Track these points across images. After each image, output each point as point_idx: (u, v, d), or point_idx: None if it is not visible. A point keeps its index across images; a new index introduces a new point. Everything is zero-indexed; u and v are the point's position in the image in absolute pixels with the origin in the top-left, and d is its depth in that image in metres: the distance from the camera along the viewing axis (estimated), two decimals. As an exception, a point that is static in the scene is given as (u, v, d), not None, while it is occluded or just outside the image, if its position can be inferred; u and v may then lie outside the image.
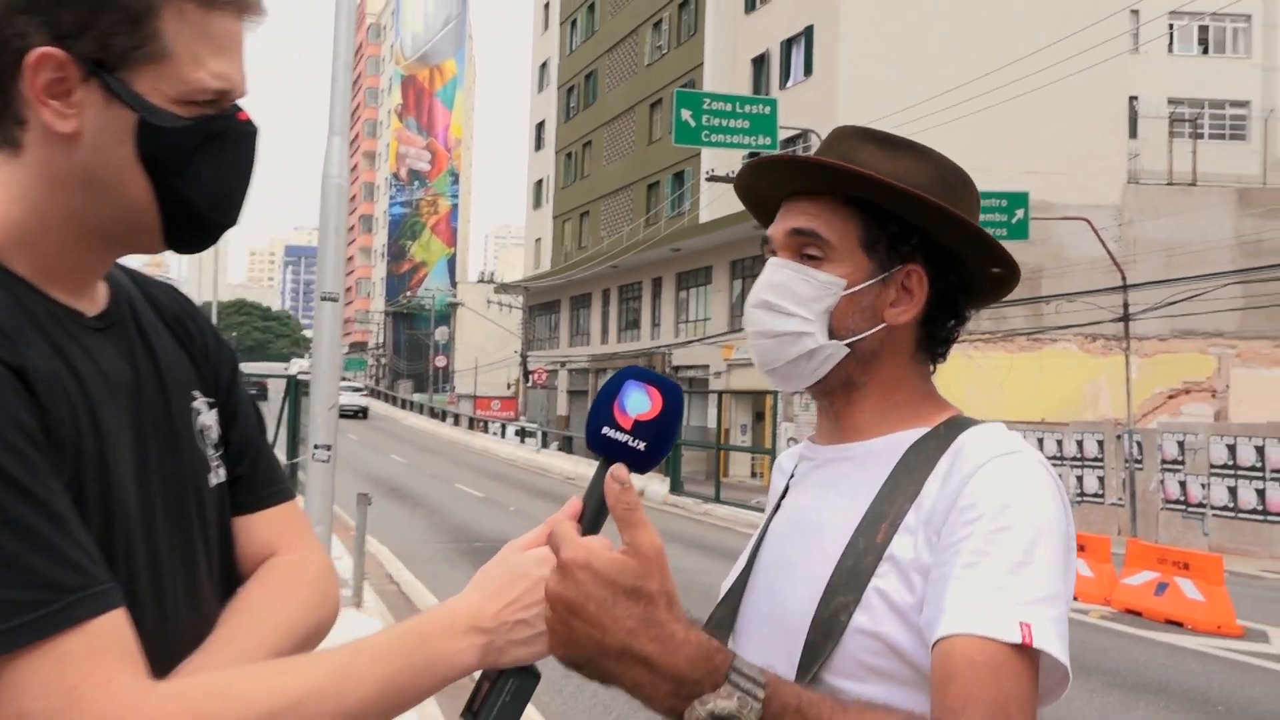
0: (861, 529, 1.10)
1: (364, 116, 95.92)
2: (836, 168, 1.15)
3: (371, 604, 8.17)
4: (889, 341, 1.18)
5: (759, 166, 1.23)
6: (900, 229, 1.16)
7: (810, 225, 1.18)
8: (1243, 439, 15.92)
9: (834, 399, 1.21)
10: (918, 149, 1.20)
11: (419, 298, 75.56)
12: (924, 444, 1.14)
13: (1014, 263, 1.19)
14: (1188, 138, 30.47)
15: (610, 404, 1.00)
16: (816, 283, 1.16)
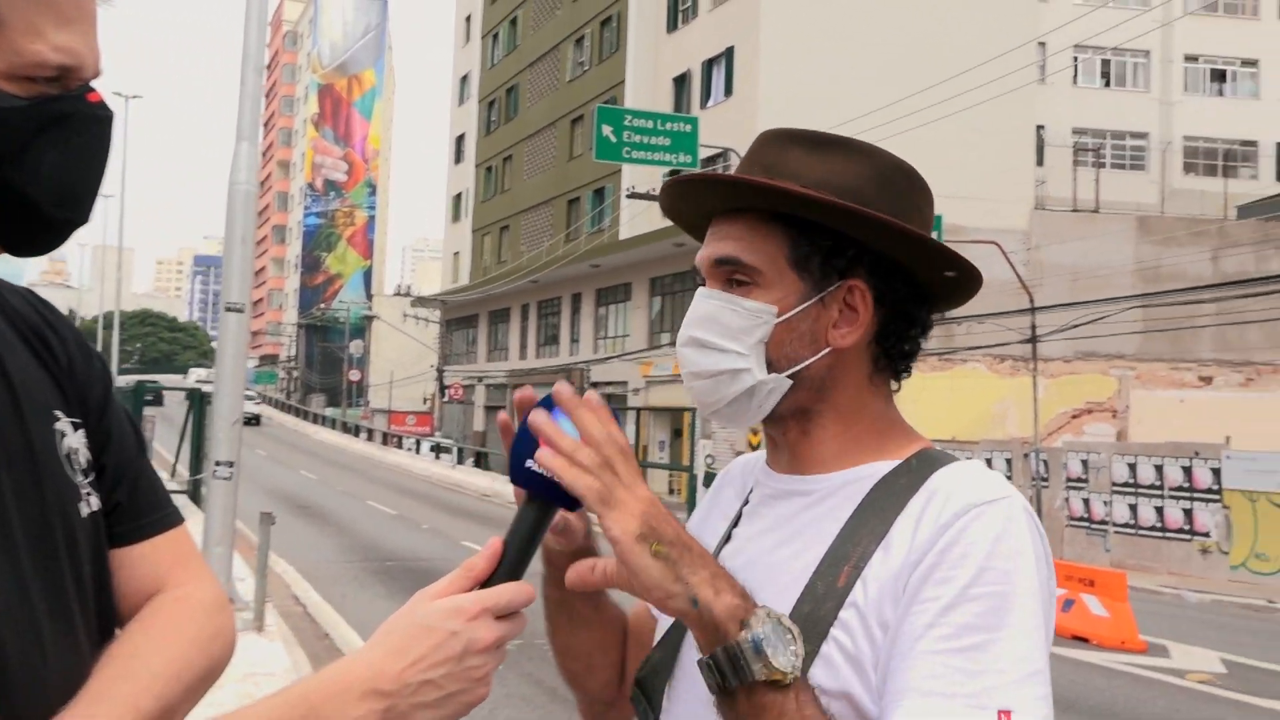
0: (821, 571, 0.98)
1: (279, 125, 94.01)
2: (750, 185, 1.04)
3: (274, 627, 7.86)
4: (839, 365, 1.06)
5: (675, 188, 1.12)
6: (834, 243, 1.04)
7: (732, 252, 1.06)
8: (1143, 458, 16.43)
9: (787, 429, 1.09)
10: (851, 147, 1.08)
11: (333, 310, 74.10)
12: (893, 480, 1.02)
13: (969, 265, 1.07)
14: (1091, 166, 31.58)
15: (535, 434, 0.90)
16: (745, 312, 1.05)
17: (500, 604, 0.85)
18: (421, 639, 0.84)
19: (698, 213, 1.13)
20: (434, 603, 0.86)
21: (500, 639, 0.85)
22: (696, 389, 1.08)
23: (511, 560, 0.88)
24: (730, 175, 1.06)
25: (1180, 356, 25.23)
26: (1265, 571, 14.65)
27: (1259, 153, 36.07)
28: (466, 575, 0.87)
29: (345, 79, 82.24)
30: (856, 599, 0.95)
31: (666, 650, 1.10)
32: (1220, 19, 36.34)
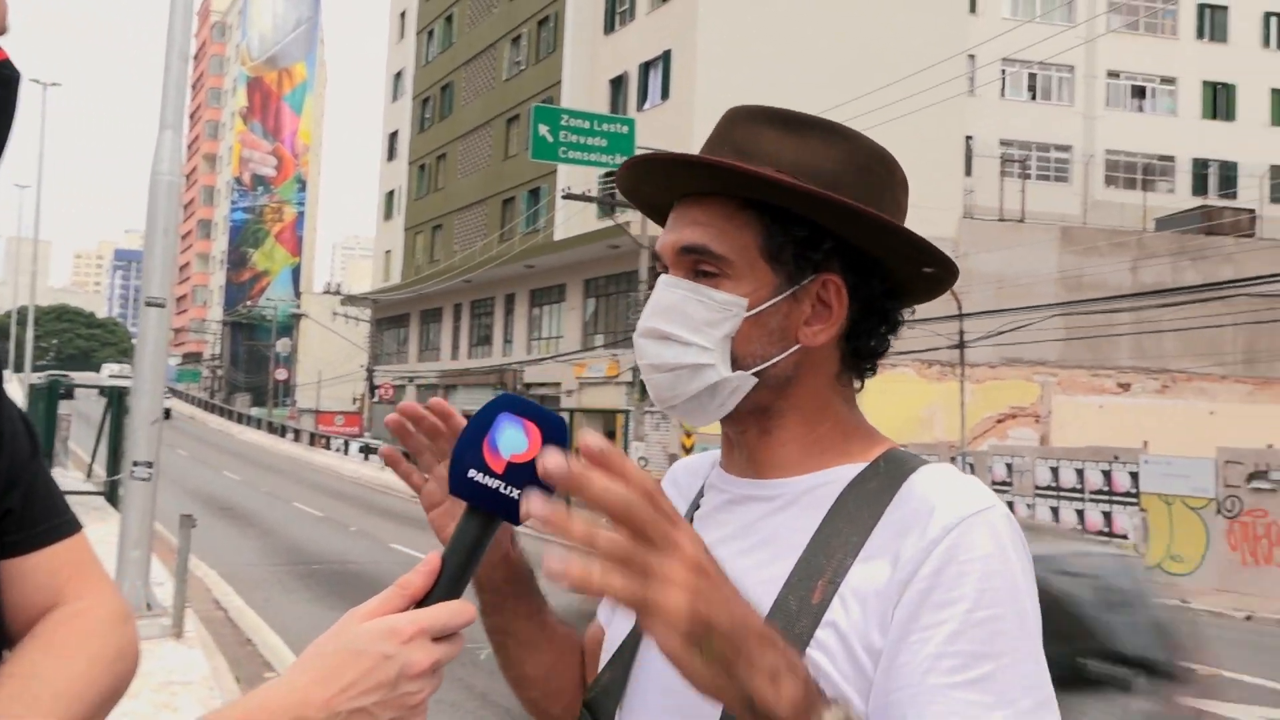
0: (792, 585, 0.90)
1: (205, 117, 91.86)
2: (722, 167, 0.95)
3: (194, 633, 7.62)
4: (806, 363, 0.99)
5: (640, 166, 1.03)
6: (809, 233, 0.97)
7: (700, 240, 0.97)
8: (1065, 462, 16.83)
9: (746, 429, 1.01)
10: (830, 129, 1.00)
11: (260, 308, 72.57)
12: (863, 484, 0.95)
13: (949, 260, 1.00)
14: (1017, 177, 32.34)
15: (479, 442, 0.82)
16: (713, 304, 0.97)
17: (438, 625, 0.78)
18: (352, 663, 0.76)
19: (660, 194, 1.05)
20: (366, 624, 0.78)
21: (437, 662, 0.78)
22: (654, 383, 1.00)
23: (450, 577, 0.81)
24: (704, 157, 0.98)
25: (1100, 364, 25.94)
26: (1180, 572, 15.09)
27: (1176, 168, 37.30)
28: (401, 593, 0.79)
29: (275, 72, 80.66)
30: (835, 618, 0.87)
31: (617, 670, 1.01)
32: (1141, 37, 37.52)
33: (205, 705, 5.83)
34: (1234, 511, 14.57)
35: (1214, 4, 37.89)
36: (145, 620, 7.39)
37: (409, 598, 0.79)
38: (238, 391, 71.30)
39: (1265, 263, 24.71)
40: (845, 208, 0.94)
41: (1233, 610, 13.12)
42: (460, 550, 0.82)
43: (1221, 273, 25.89)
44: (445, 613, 0.79)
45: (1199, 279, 25.48)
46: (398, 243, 47.25)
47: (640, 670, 0.99)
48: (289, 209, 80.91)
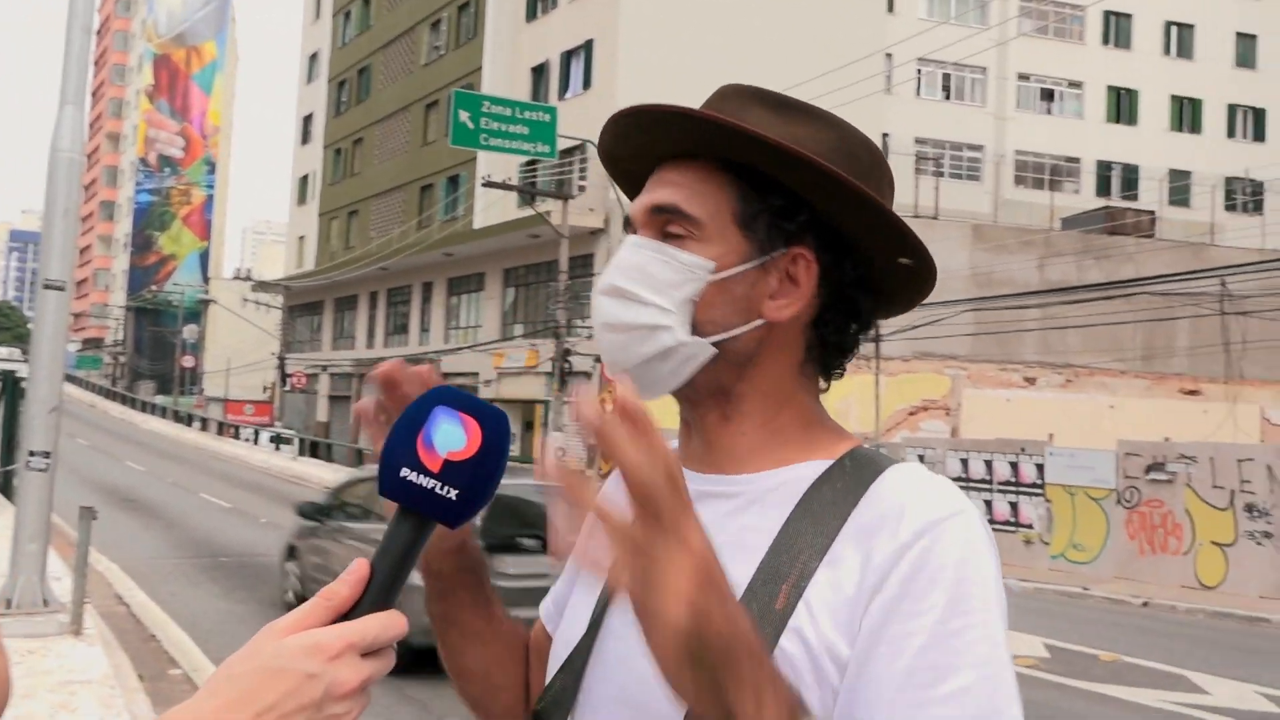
0: (754, 591, 0.85)
1: (109, 95, 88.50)
2: (707, 120, 0.92)
3: (94, 630, 7.33)
4: (770, 344, 0.95)
5: (621, 121, 0.99)
6: (786, 203, 0.94)
7: (672, 199, 0.94)
8: (974, 454, 17.27)
9: (704, 412, 0.97)
10: (818, 114, 0.98)
11: (166, 293, 70.35)
12: (828, 484, 0.90)
13: (927, 254, 0.96)
14: (931, 175, 33.01)
15: (412, 438, 0.75)
16: (678, 264, 0.93)
17: (367, 639, 0.70)
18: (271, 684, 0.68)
19: (638, 159, 1.01)
20: (287, 639, 0.70)
21: (367, 680, 0.70)
22: (607, 343, 0.96)
23: (381, 585, 0.73)
24: (688, 108, 0.94)
25: (1007, 358, 26.67)
26: (1081, 560, 15.63)
27: (1081, 169, 38.54)
28: (326, 605, 0.71)
29: (184, 50, 78.14)
30: (800, 625, 0.83)
31: (569, 677, 0.96)
32: (1050, 41, 38.62)
33: (106, 705, 5.61)
34: (1133, 502, 15.13)
35: (1119, 11, 39.20)
36: (42, 617, 7.09)
37: (334, 610, 0.71)
38: (141, 379, 69.05)
39: (1164, 263, 25.69)
40: (829, 175, 0.91)
41: (1130, 597, 13.63)
42: (391, 556, 0.74)
43: (1123, 271, 26.84)
44: (375, 626, 0.71)
45: (1102, 277, 26.38)
46: (312, 228, 46.21)
47: (593, 679, 0.94)
48: (197, 191, 78.53)
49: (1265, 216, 34.45)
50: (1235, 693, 8.26)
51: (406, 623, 0.73)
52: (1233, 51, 40.13)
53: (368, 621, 0.71)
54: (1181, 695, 8.09)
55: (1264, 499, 13.64)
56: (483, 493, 0.75)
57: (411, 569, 0.76)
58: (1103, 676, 8.63)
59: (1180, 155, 38.51)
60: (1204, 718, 7.42)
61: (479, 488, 0.74)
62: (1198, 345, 25.37)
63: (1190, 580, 14.31)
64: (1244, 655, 10.08)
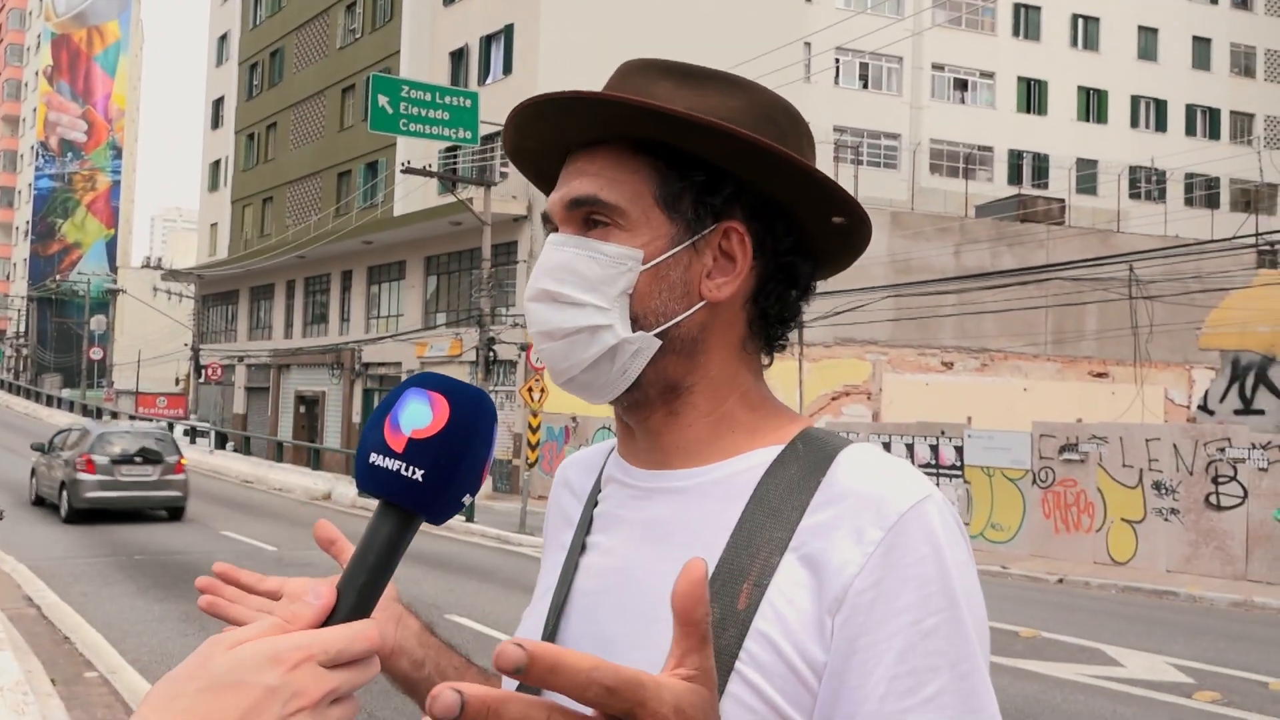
0: (715, 592, 0.80)
1: (5, 76, 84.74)
2: (612, 102, 0.86)
3: (3, 635, 7.03)
4: (713, 325, 0.91)
5: (523, 113, 0.93)
6: (708, 177, 0.89)
7: (588, 190, 0.89)
8: (895, 437, 17.60)
9: (650, 414, 0.92)
10: (729, 80, 0.93)
11: (71, 282, 67.78)
12: (782, 471, 0.86)
13: (858, 207, 0.92)
14: (850, 163, 33.47)
15: (381, 421, 0.70)
16: (606, 258, 0.88)
17: (331, 650, 0.64)
18: (228, 700, 0.61)
19: (546, 153, 0.96)
20: (240, 650, 0.63)
21: (333, 691, 0.63)
22: (547, 352, 0.90)
23: (357, 590, 0.67)
24: (589, 92, 0.88)
25: (926, 343, 27.23)
26: (1000, 540, 16.05)
27: (994, 157, 39.49)
28: (283, 626, 0.65)
29: (84, 30, 75.17)
30: (765, 627, 0.79)
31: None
32: (963, 32, 39.44)
33: (18, 712, 5.38)
34: (1048, 482, 15.58)
35: (1028, 4, 40.20)
36: (-55, 622, 6.76)
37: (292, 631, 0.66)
38: (46, 372, 66.54)
39: (1074, 249, 26.49)
40: (749, 142, 0.86)
41: (1046, 574, 14.05)
42: (369, 555, 0.68)
43: (1035, 258, 27.60)
44: (341, 637, 0.64)
45: (1015, 263, 27.08)
46: (224, 215, 44.96)
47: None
48: (102, 177, 75.76)
49: (1168, 204, 35.74)
50: (1148, 664, 8.57)
51: (379, 634, 0.66)
52: (1136, 44, 41.49)
53: (333, 631, 0.65)
54: (1098, 668, 8.36)
55: (1170, 477, 14.17)
56: (451, 474, 0.69)
57: (391, 572, 0.70)
58: (1022, 652, 8.88)
59: (1088, 144, 39.72)
60: (1119, 689, 7.68)
61: (446, 468, 0.69)
62: (1106, 329, 26.24)
63: (1103, 556, 14.81)
64: (1154, 627, 10.47)
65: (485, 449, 0.71)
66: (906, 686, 0.76)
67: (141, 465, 16.94)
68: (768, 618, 0.79)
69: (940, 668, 0.76)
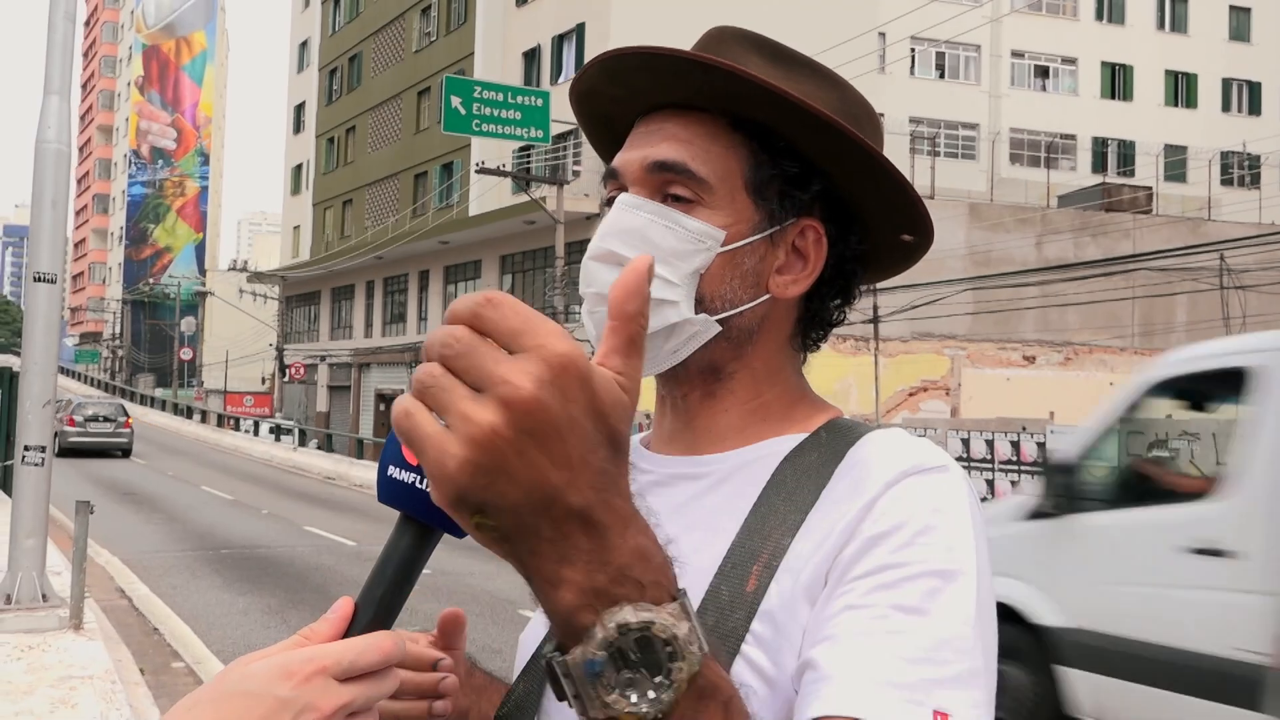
0: (725, 573, 0.78)
1: (99, 87, 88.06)
2: (735, 73, 0.82)
3: (94, 624, 7.29)
4: (769, 320, 0.88)
5: (614, 61, 0.87)
6: (800, 170, 0.86)
7: (680, 157, 0.84)
8: (975, 433, 17.24)
9: (689, 392, 0.89)
10: (818, 70, 0.90)
11: (162, 285, 70.15)
12: (802, 456, 0.83)
13: (930, 228, 0.90)
14: (927, 154, 32.90)
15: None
16: (685, 233, 0.84)
17: (343, 662, 0.63)
18: (237, 709, 0.62)
19: (624, 105, 0.91)
20: (255, 664, 0.64)
21: (346, 706, 0.63)
22: (600, 317, 0.84)
23: (376, 604, 0.66)
24: (714, 58, 0.83)
25: (1006, 337, 26.65)
26: (1083, 538, 15.63)
27: (1077, 146, 38.44)
28: (303, 643, 0.65)
29: (173, 40, 77.69)
30: (771, 607, 0.76)
31: (531, 681, 0.89)
32: (1044, 18, 38.45)
33: (106, 700, 5.57)
34: (1134, 478, 15.11)
35: (1113, -14, 39.05)
36: (42, 612, 7.04)
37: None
38: (140, 372, 69.00)
39: (1161, 238, 25.66)
40: (857, 142, 0.83)
41: (1133, 573, 13.63)
42: (388, 570, 0.67)
43: (1120, 248, 26.79)
44: (352, 648, 0.64)
45: (1099, 254, 26.33)
46: (306, 218, 46.07)
47: None
48: (191, 183, 78.25)
49: (1262, 190, 34.38)
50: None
51: (394, 645, 0.65)
52: (1227, 25, 39.99)
53: (344, 644, 0.65)
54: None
55: (1266, 473, 13.63)
56: None
57: (410, 587, 0.69)
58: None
59: (1176, 130, 38.42)
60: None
61: None
62: (1196, 321, 25.34)
63: (1192, 555, 14.33)
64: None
65: None
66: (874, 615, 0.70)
67: (103, 423, 28.62)
68: (774, 599, 0.76)
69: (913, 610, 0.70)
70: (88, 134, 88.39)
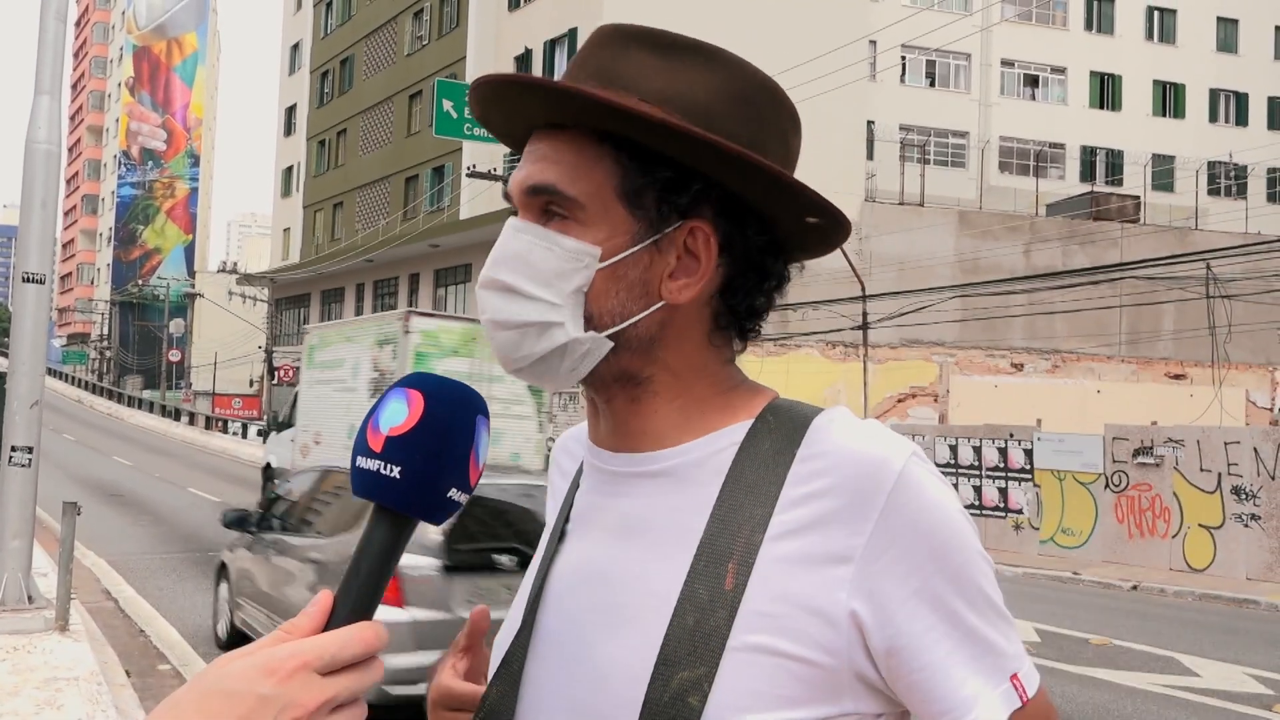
0: (699, 574, 0.79)
1: (90, 87, 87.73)
2: (571, 95, 0.82)
3: (80, 626, 7.27)
4: (673, 323, 0.87)
5: (484, 89, 0.88)
6: (675, 174, 0.84)
7: (549, 179, 0.85)
8: (962, 440, 17.30)
9: (612, 398, 0.89)
10: (707, 53, 0.87)
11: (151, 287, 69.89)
12: (754, 446, 0.84)
13: (835, 210, 0.87)
14: (917, 162, 33.02)
15: (366, 424, 0.71)
16: (562, 252, 0.84)
17: (325, 656, 0.64)
18: (221, 709, 0.62)
19: (513, 124, 0.91)
20: (237, 662, 0.64)
21: (331, 700, 0.64)
22: (498, 341, 0.87)
23: (356, 594, 0.68)
24: (546, 80, 0.84)
25: (995, 344, 26.75)
26: (1071, 545, 15.68)
27: (1066, 154, 38.62)
28: (285, 637, 0.66)
29: (164, 42, 77.46)
30: (760, 607, 0.77)
31: (505, 684, 0.89)
32: (1034, 27, 38.65)
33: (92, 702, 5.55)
34: (1121, 486, 15.18)
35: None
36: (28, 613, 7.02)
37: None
38: (128, 374, 68.65)
39: (1149, 247, 25.78)
40: (714, 146, 0.81)
41: (1120, 581, 13.68)
42: (364, 561, 0.69)
43: (1108, 256, 26.92)
44: (334, 642, 0.64)
45: (1087, 262, 26.46)
46: (297, 220, 45.96)
47: (532, 684, 0.87)
48: (181, 184, 77.98)
49: (1249, 200, 34.61)
50: (1224, 674, 8.30)
51: (377, 635, 0.66)
52: (1215, 36, 40.26)
53: (325, 638, 0.65)
54: (1172, 678, 8.11)
55: (1250, 481, 13.70)
56: (429, 469, 0.69)
57: (388, 578, 0.71)
58: (1094, 660, 8.66)
59: (1164, 140, 38.65)
60: (1195, 699, 7.45)
61: (423, 463, 0.69)
62: (1183, 329, 25.48)
63: (1179, 563, 14.38)
64: (1232, 636, 10.14)
65: (466, 443, 0.71)
66: (943, 632, 0.80)
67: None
68: (760, 596, 0.78)
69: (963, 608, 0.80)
70: (77, 134, 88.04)
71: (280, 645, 0.64)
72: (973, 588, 0.81)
